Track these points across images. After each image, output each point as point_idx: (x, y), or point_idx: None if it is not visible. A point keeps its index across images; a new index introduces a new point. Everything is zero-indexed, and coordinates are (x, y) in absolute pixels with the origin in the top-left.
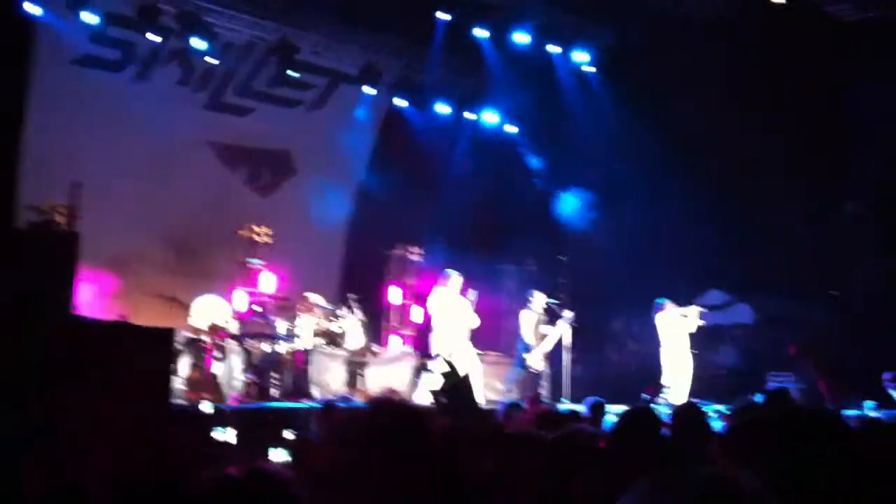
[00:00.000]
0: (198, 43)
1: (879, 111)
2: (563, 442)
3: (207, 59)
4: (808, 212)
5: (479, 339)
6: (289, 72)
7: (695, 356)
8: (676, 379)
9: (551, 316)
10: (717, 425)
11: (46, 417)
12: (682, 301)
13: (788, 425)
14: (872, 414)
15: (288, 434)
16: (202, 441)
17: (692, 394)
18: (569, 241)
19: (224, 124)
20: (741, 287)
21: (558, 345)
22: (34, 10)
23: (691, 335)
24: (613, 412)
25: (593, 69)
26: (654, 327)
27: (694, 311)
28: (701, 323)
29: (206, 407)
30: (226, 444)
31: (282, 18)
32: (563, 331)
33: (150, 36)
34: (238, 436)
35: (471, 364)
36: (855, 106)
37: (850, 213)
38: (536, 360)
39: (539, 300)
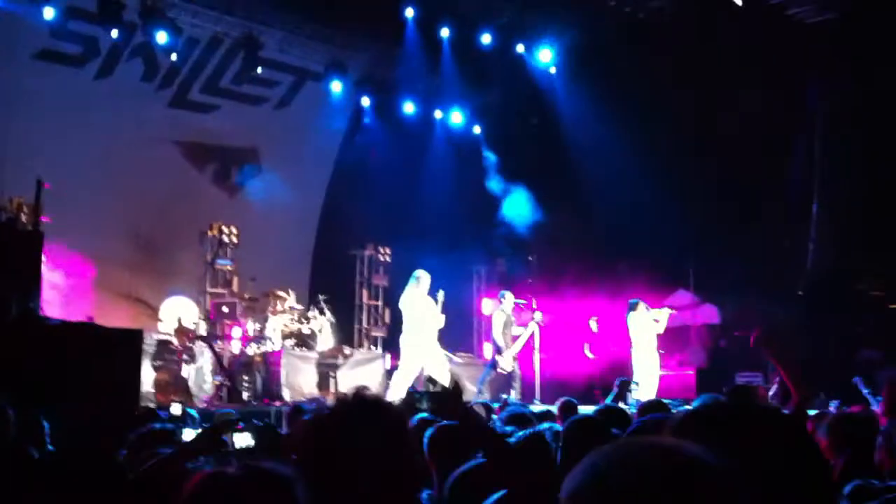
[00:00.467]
0: (161, 38)
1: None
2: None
3: (171, 55)
4: (774, 210)
5: (450, 340)
6: (254, 69)
7: (662, 356)
8: (645, 378)
9: (521, 317)
10: None
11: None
12: (649, 301)
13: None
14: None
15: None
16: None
17: (661, 392)
18: (536, 241)
19: (189, 122)
20: (708, 287)
21: (529, 346)
22: None
23: (659, 335)
24: (585, 413)
25: (553, 69)
26: (623, 327)
27: (665, 313)
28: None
29: (176, 409)
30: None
31: (246, 14)
32: (533, 331)
33: (112, 31)
34: (205, 433)
35: (438, 364)
36: (812, 103)
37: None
38: (507, 362)
39: (509, 301)
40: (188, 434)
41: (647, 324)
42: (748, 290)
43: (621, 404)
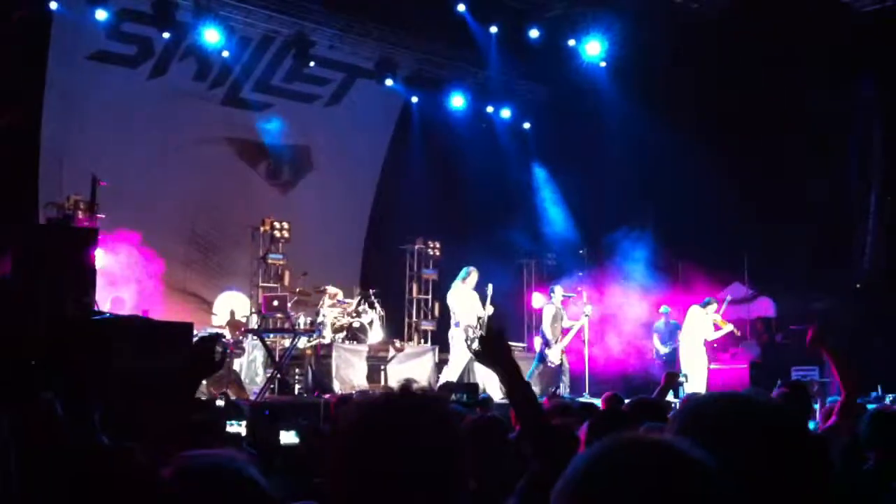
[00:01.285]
0: (213, 38)
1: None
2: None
3: (223, 54)
4: (831, 203)
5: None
6: (306, 66)
7: (716, 349)
8: (696, 372)
9: (571, 310)
10: None
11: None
12: (703, 293)
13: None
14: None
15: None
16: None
17: (714, 387)
18: (586, 236)
19: (242, 120)
20: (764, 280)
21: (579, 339)
22: (53, 5)
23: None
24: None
25: (604, 63)
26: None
27: (729, 328)
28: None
29: (220, 402)
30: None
31: (297, 13)
32: (583, 325)
33: (164, 33)
34: (251, 425)
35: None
36: (869, 94)
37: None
38: (555, 355)
39: (559, 294)
40: (233, 427)
41: (707, 325)
42: (805, 284)
43: (670, 398)
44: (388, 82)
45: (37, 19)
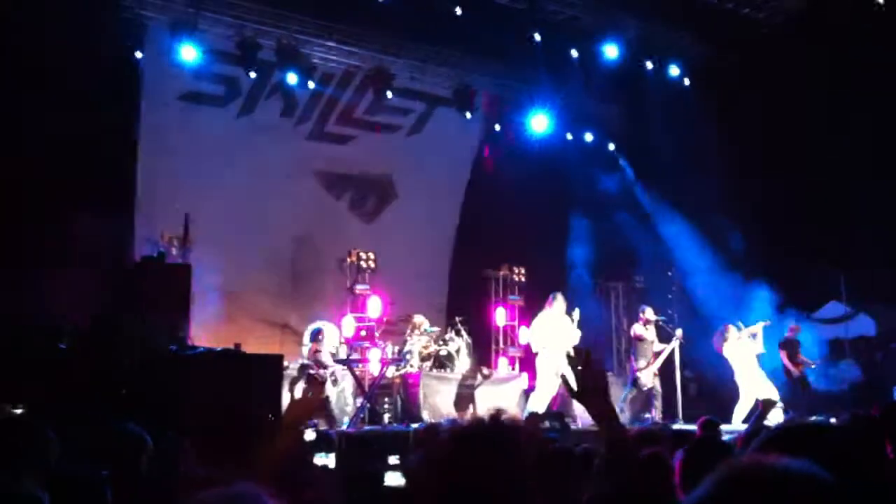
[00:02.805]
0: (296, 76)
1: None
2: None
3: (307, 90)
4: None
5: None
6: (386, 98)
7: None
8: (751, 398)
9: (663, 333)
10: None
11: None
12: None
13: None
14: None
15: (393, 459)
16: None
17: (813, 411)
18: (675, 257)
19: (327, 153)
20: (862, 298)
21: (672, 363)
22: (138, 54)
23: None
24: (728, 431)
25: (687, 82)
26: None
27: (758, 326)
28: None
29: (309, 434)
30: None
31: (376, 46)
32: (674, 348)
33: (250, 73)
34: (339, 459)
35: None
36: None
37: None
38: (647, 378)
39: (649, 316)
40: (319, 459)
41: (743, 346)
42: None
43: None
44: (468, 109)
45: (126, 63)
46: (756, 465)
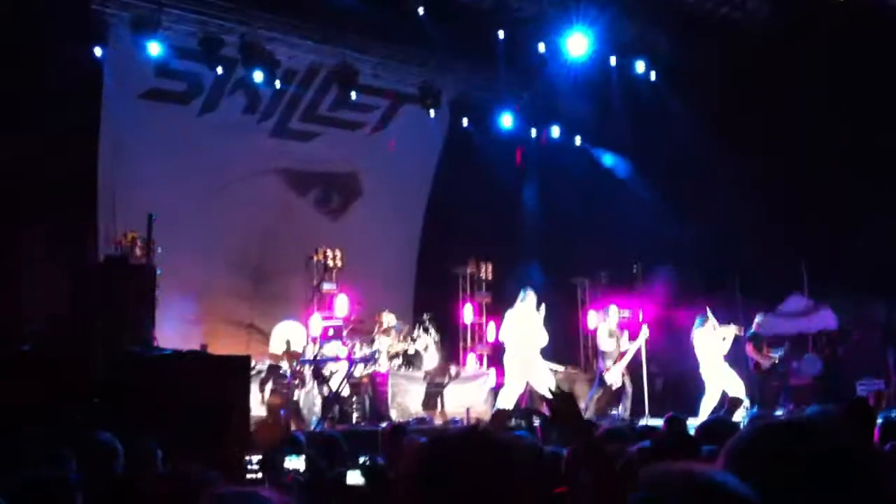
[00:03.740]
0: (260, 72)
1: None
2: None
3: (271, 86)
4: (889, 206)
5: (555, 354)
6: (351, 95)
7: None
8: (715, 393)
9: (626, 330)
10: None
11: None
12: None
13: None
14: None
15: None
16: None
17: (777, 404)
18: (640, 251)
19: (291, 150)
20: (823, 291)
21: (638, 360)
22: (97, 51)
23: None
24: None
25: (653, 76)
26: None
27: (732, 330)
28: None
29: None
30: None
31: (341, 43)
32: (640, 345)
33: (216, 68)
34: (309, 460)
35: (544, 380)
36: None
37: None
38: (615, 377)
39: (614, 314)
40: (289, 462)
41: (716, 340)
42: (867, 293)
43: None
44: (433, 107)
45: (87, 61)
46: (683, 472)
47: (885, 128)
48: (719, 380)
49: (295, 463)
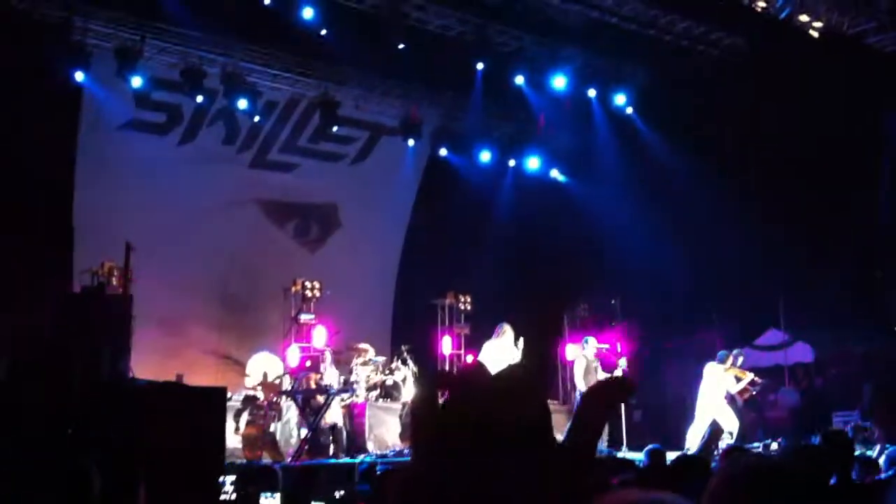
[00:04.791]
0: (241, 103)
1: None
2: None
3: (251, 118)
4: (863, 241)
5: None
6: (332, 127)
7: (754, 395)
8: (728, 423)
9: (605, 363)
10: None
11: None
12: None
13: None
14: None
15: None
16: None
17: (755, 437)
18: (620, 284)
19: (270, 181)
20: (800, 325)
21: None
22: (79, 76)
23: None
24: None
25: (630, 110)
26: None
27: (748, 376)
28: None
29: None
30: None
31: (322, 75)
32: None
33: (197, 97)
34: (285, 496)
35: None
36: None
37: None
38: None
39: (592, 346)
40: (264, 501)
41: (728, 378)
42: (842, 326)
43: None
44: (412, 138)
45: (66, 91)
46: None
47: (860, 164)
48: (715, 414)
49: (270, 502)
